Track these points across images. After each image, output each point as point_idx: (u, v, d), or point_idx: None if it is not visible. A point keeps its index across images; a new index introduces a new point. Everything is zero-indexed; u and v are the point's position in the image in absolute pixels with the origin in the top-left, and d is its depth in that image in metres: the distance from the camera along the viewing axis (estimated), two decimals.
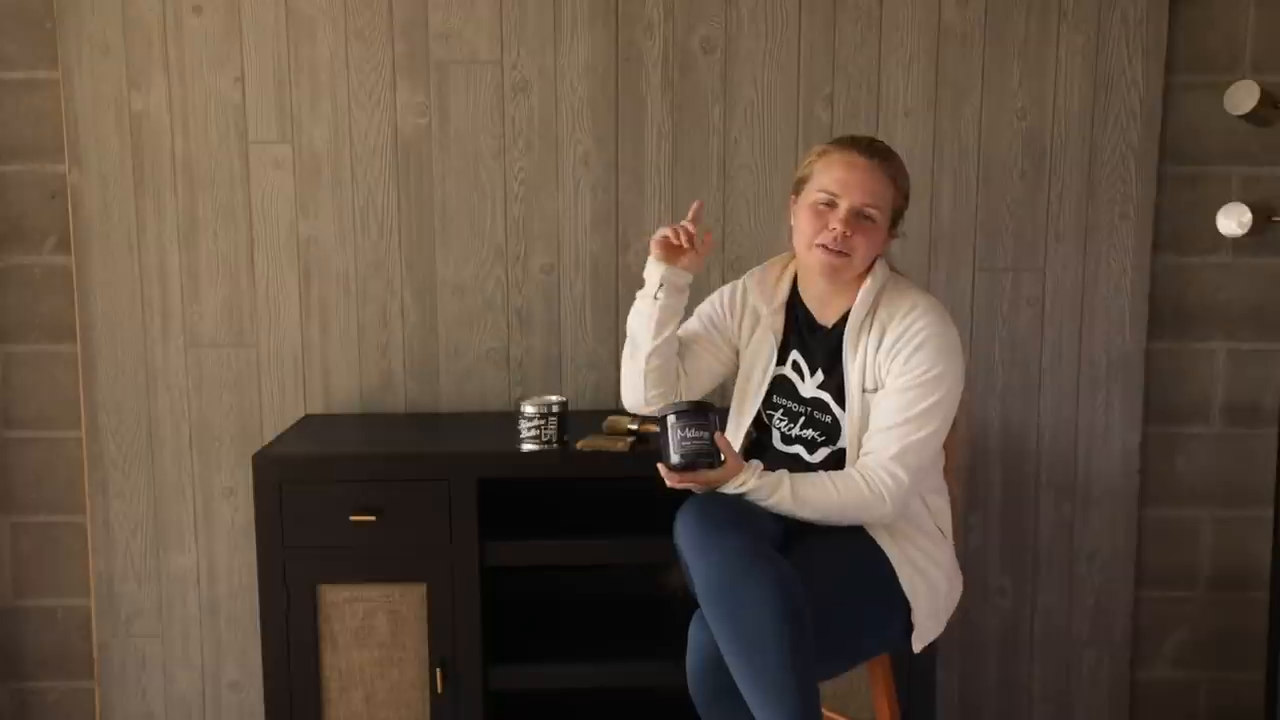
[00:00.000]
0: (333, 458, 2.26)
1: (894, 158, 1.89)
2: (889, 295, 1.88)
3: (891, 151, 1.90)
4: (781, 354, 1.97)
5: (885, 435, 1.82)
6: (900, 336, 1.83)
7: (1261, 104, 2.19)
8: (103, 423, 2.58)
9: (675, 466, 1.82)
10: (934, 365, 1.82)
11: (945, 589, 1.92)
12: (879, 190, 1.85)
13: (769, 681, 1.66)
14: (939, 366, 1.82)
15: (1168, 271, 2.60)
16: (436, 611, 2.23)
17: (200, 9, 2.48)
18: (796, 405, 1.95)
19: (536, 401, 2.25)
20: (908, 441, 1.81)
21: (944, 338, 1.84)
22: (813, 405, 1.93)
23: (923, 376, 1.81)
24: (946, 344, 1.84)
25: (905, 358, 1.82)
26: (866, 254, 1.86)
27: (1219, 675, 2.71)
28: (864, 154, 1.86)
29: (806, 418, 1.94)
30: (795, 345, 1.96)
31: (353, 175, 2.53)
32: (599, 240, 2.56)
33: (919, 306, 1.85)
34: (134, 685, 2.65)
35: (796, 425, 1.95)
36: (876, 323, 1.87)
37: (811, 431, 1.93)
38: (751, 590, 1.67)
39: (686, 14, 2.49)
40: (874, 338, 1.86)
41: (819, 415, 1.93)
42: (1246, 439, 2.64)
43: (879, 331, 1.86)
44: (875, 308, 1.88)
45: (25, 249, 2.56)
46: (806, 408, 1.94)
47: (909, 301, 1.86)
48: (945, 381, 1.82)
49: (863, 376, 1.87)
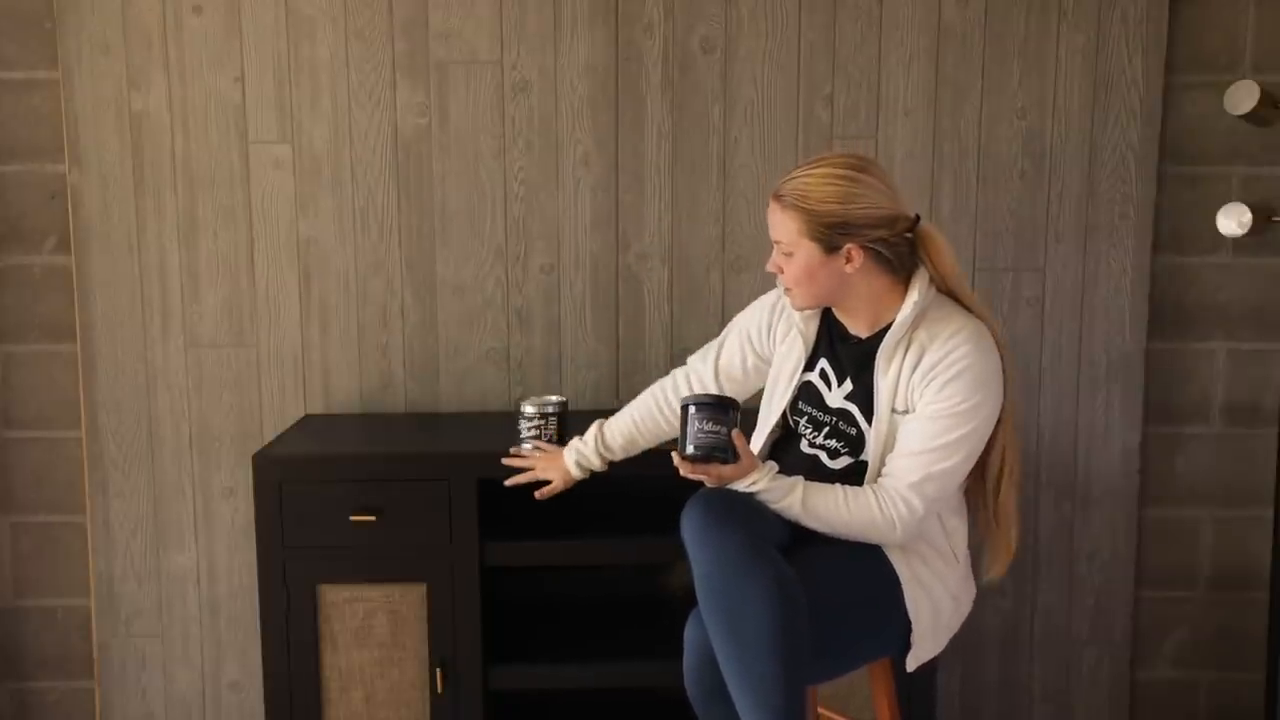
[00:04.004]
0: (333, 458, 2.26)
1: (791, 191, 1.82)
2: (932, 317, 1.84)
3: (795, 181, 1.83)
4: (811, 361, 1.96)
5: (909, 461, 1.80)
6: (939, 363, 1.79)
7: (1261, 104, 2.19)
8: (103, 423, 2.58)
9: (689, 457, 1.81)
10: (969, 397, 1.78)
11: (950, 610, 1.91)
12: (780, 224, 1.84)
13: (756, 681, 1.66)
14: (975, 398, 1.79)
15: (1168, 271, 2.60)
16: (436, 611, 2.23)
17: (200, 9, 2.48)
18: (822, 414, 1.93)
19: (536, 401, 2.24)
20: (930, 470, 1.78)
21: (983, 368, 1.80)
22: (838, 416, 1.91)
23: (957, 407, 1.78)
24: (985, 375, 1.80)
25: (940, 385, 1.79)
26: (802, 278, 1.85)
27: (1219, 675, 2.71)
28: (772, 199, 1.86)
29: (831, 428, 1.92)
30: (824, 353, 1.95)
31: (353, 175, 2.53)
32: (599, 240, 2.56)
33: (961, 333, 1.81)
34: (134, 685, 2.65)
35: (821, 434, 1.93)
36: (915, 343, 1.83)
37: (835, 442, 1.91)
38: (749, 589, 1.67)
39: (686, 14, 2.49)
40: (911, 358, 1.82)
41: (844, 427, 1.90)
42: (1246, 439, 2.64)
43: (917, 353, 1.82)
44: (915, 327, 1.84)
45: (25, 249, 2.56)
46: (832, 418, 1.92)
47: (953, 326, 1.82)
48: (979, 414, 1.79)
49: (894, 396, 1.83)
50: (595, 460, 2.14)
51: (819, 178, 1.81)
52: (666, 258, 2.56)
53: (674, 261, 2.56)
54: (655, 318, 2.58)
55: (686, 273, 2.56)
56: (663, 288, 2.57)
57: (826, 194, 1.80)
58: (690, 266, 2.57)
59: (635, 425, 2.15)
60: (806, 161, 1.86)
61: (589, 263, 2.57)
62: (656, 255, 2.56)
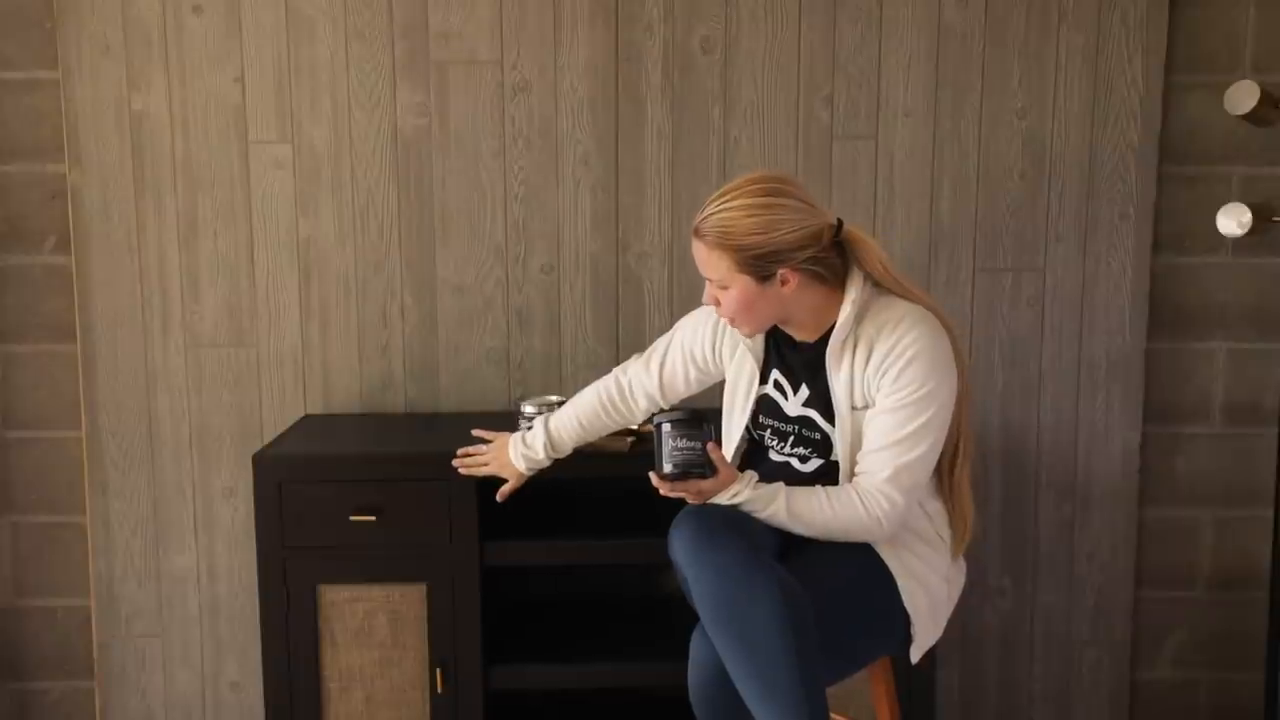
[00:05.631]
0: (333, 458, 2.26)
1: (713, 228, 1.80)
2: (875, 310, 1.84)
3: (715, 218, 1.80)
4: (764, 374, 1.96)
5: (878, 456, 1.80)
6: (890, 352, 1.80)
7: (1261, 104, 2.19)
8: (103, 423, 2.58)
9: (667, 475, 1.80)
10: (925, 382, 1.79)
11: (945, 594, 1.91)
12: (708, 261, 1.83)
13: (782, 693, 1.65)
14: (930, 383, 1.79)
15: (1168, 271, 2.60)
16: (436, 611, 2.23)
17: (200, 9, 2.48)
18: (784, 424, 1.93)
19: (536, 401, 2.25)
20: (901, 462, 1.79)
21: (934, 351, 1.80)
22: (800, 424, 1.92)
23: (914, 394, 1.78)
24: (937, 357, 1.81)
25: (895, 374, 1.79)
26: (741, 309, 1.84)
27: (1219, 675, 2.71)
28: (694, 235, 1.84)
29: (796, 436, 1.92)
30: (775, 364, 1.95)
31: (353, 175, 2.53)
32: (599, 240, 2.56)
33: (907, 319, 1.81)
34: (134, 685, 2.65)
35: (787, 444, 1.93)
36: (863, 338, 1.83)
37: (802, 449, 1.92)
38: (754, 601, 1.66)
39: (686, 14, 2.49)
40: (861, 353, 1.83)
41: (807, 433, 1.91)
42: (1246, 439, 2.64)
43: (867, 347, 1.83)
44: (859, 323, 1.84)
45: (25, 249, 2.56)
46: (794, 426, 1.92)
47: (897, 314, 1.82)
48: (937, 397, 1.80)
49: (850, 393, 1.84)
50: (547, 463, 2.17)
51: (738, 211, 1.78)
52: (666, 258, 2.56)
53: (674, 261, 2.56)
54: (655, 318, 2.58)
55: (686, 273, 2.56)
56: (663, 288, 2.57)
57: (748, 226, 1.78)
58: (690, 266, 2.54)
59: (582, 427, 2.16)
60: (720, 192, 1.82)
61: (589, 263, 2.57)
62: (656, 255, 2.56)
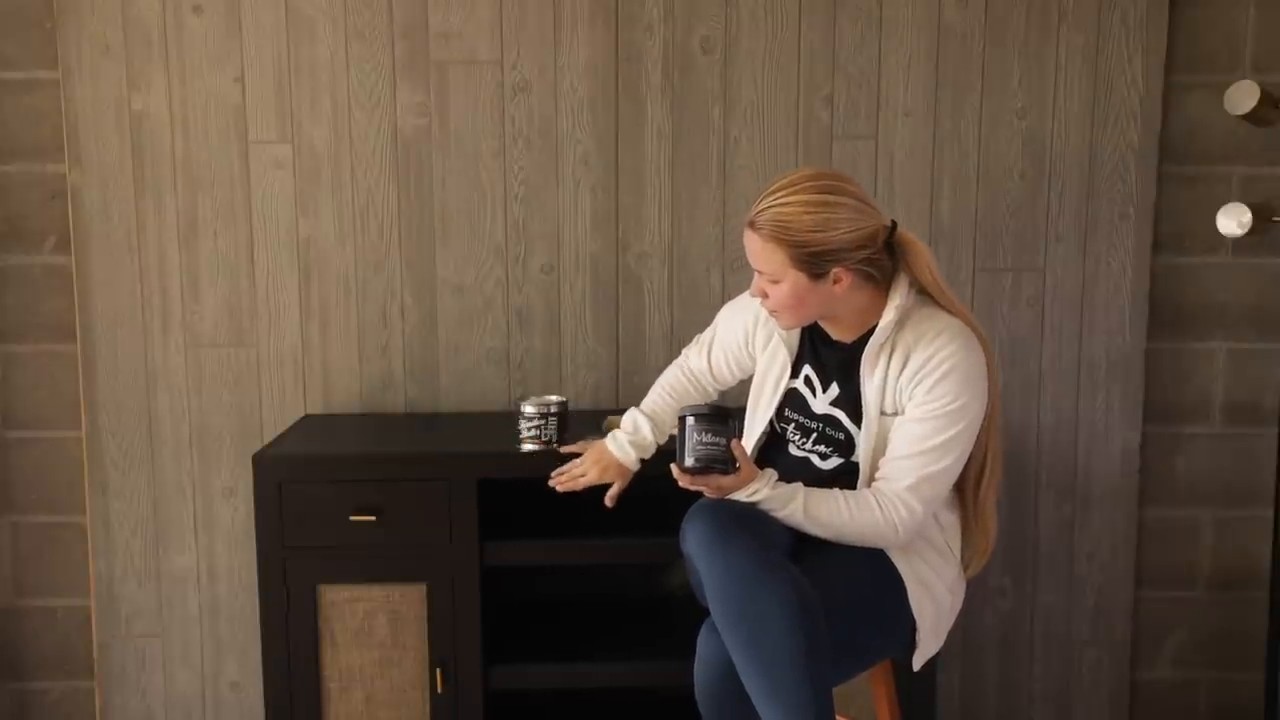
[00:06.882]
0: (333, 458, 2.26)
1: (769, 221, 1.79)
2: (916, 319, 1.84)
3: (771, 211, 1.79)
4: (795, 368, 1.96)
5: (902, 464, 1.80)
6: (926, 363, 1.80)
7: (1261, 104, 2.19)
8: (103, 423, 2.58)
9: (688, 469, 1.80)
10: (958, 396, 1.79)
11: (949, 605, 1.92)
12: (761, 255, 1.81)
13: (787, 691, 1.65)
14: (963, 398, 1.79)
15: (1168, 271, 2.60)
16: (436, 611, 2.23)
17: (200, 9, 2.48)
18: (809, 420, 1.93)
19: (536, 401, 2.25)
20: (924, 473, 1.79)
21: (969, 367, 1.80)
22: (825, 421, 1.92)
23: (946, 407, 1.79)
24: (972, 373, 1.80)
25: (929, 386, 1.79)
26: (790, 304, 1.83)
27: (1219, 675, 2.71)
28: (748, 227, 1.83)
29: (819, 434, 1.92)
30: (808, 360, 1.95)
31: (353, 175, 2.53)
32: (599, 240, 2.56)
33: (947, 332, 1.81)
34: (134, 685, 2.65)
35: (809, 440, 1.93)
36: (900, 345, 1.83)
37: (824, 446, 1.92)
38: (767, 598, 1.66)
39: (686, 14, 2.49)
40: (897, 361, 1.83)
41: (831, 432, 1.91)
42: (1246, 439, 2.64)
43: (903, 355, 1.82)
44: (898, 329, 1.84)
45: (25, 249, 2.56)
46: (819, 423, 1.92)
47: (937, 326, 1.82)
48: (968, 413, 1.80)
49: (881, 398, 1.84)
50: (653, 448, 2.12)
51: (797, 207, 1.77)
52: (666, 258, 2.56)
53: (674, 261, 2.56)
54: (655, 318, 2.58)
55: (686, 273, 2.56)
56: (663, 288, 2.57)
57: (806, 224, 1.76)
58: (690, 266, 2.57)
59: (678, 401, 2.15)
60: (777, 186, 1.80)
61: (589, 263, 2.57)
62: (656, 255, 2.56)
